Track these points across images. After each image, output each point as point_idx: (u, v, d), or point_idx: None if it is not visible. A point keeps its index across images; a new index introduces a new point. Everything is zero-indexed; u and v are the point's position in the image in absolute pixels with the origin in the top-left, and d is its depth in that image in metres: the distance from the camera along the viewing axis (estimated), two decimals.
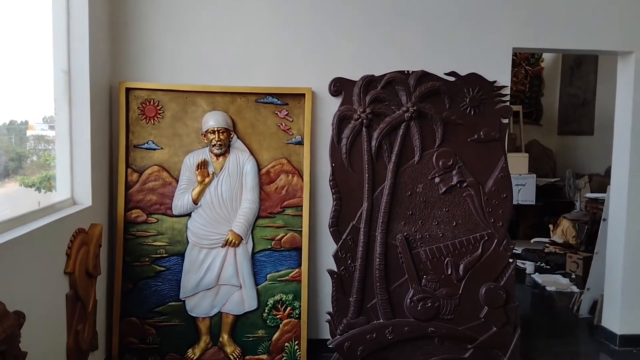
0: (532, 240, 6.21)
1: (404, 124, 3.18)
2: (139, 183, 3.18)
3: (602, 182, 6.57)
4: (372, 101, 3.19)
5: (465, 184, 3.20)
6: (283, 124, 3.25)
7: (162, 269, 3.16)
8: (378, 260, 3.18)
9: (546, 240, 5.97)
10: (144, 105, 3.18)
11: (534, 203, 6.54)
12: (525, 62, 8.01)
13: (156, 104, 3.19)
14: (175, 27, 3.20)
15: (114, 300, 3.10)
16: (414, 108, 3.15)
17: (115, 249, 3.13)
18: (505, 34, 3.32)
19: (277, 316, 3.22)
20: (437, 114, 3.19)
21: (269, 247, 3.23)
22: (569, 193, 6.99)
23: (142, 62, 3.20)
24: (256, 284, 3.22)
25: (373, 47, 3.28)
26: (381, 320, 3.18)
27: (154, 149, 3.19)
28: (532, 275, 5.31)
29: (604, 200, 5.45)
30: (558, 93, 7.99)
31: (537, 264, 5.64)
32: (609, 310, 3.66)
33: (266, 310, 3.21)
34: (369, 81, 3.21)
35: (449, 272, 3.20)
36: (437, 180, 3.20)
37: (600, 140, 6.89)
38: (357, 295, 3.18)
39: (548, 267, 5.64)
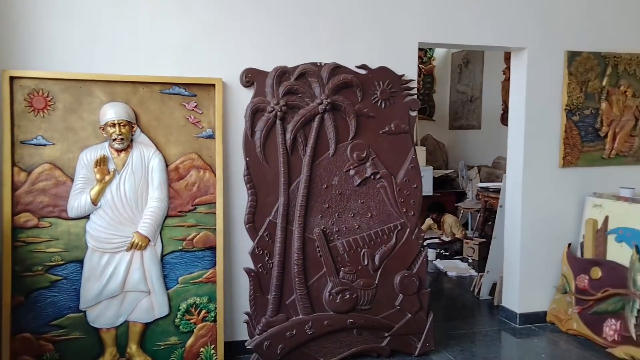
0: (424, 244, 6.47)
1: (318, 117, 3.14)
2: (28, 183, 2.82)
3: (490, 172, 7.10)
4: (285, 93, 3.11)
5: (378, 176, 3.24)
6: (192, 116, 3.06)
7: (58, 278, 2.84)
8: (296, 255, 3.11)
9: (436, 240, 6.26)
10: (31, 96, 2.83)
11: (431, 194, 6.87)
12: (418, 60, 8.37)
13: (46, 95, 2.85)
14: (68, 8, 2.88)
15: (2, 316, 2.72)
16: (328, 100, 3.13)
17: (1, 258, 2.75)
18: (411, 30, 3.41)
19: (191, 321, 3.03)
20: (350, 107, 3.19)
21: (180, 248, 3.03)
22: (462, 183, 7.45)
23: (28, 48, 2.84)
24: (167, 288, 3.00)
25: (286, 38, 3.20)
26: (301, 316, 3.13)
27: (44, 145, 2.85)
28: (434, 262, 5.56)
29: (494, 189, 5.89)
30: (449, 90, 8.48)
31: (438, 251, 5.93)
32: (508, 291, 3.93)
33: (179, 316, 3.02)
34: (282, 72, 3.13)
35: (366, 263, 3.22)
36: (352, 172, 3.21)
37: (487, 133, 7.42)
38: (276, 293, 3.10)
39: (447, 253, 5.95)
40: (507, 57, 6.29)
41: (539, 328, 3.75)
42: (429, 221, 6.45)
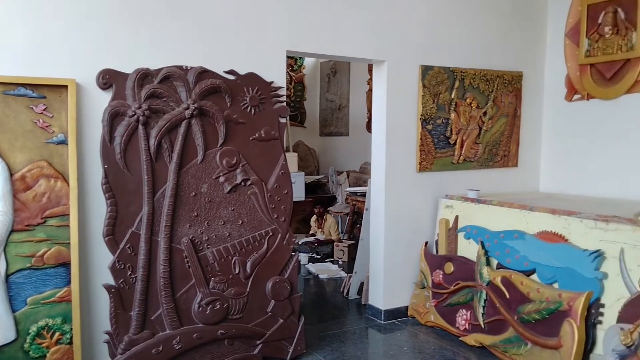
0: (300, 242, 6.66)
1: (185, 122, 3.04)
2: None
3: (358, 177, 7.44)
4: (148, 96, 2.97)
5: (249, 182, 3.22)
6: (41, 120, 2.78)
7: None
8: (162, 267, 2.97)
9: (312, 239, 6.43)
10: None
11: (303, 199, 7.02)
12: (289, 68, 8.54)
13: None
14: None
15: None
16: (195, 105, 3.04)
17: None
18: (279, 38, 3.45)
19: (43, 345, 2.75)
20: (219, 112, 3.14)
21: (28, 265, 2.73)
22: (332, 188, 7.71)
23: None
24: (13, 311, 2.69)
25: (149, 39, 3.05)
26: (168, 331, 2.99)
27: None
28: (306, 266, 5.68)
29: (361, 193, 6.18)
30: (318, 98, 8.75)
31: (310, 255, 6.06)
32: (374, 289, 4.14)
33: (28, 340, 2.72)
34: (144, 75, 2.98)
35: (237, 271, 3.18)
36: (221, 179, 3.15)
37: (355, 140, 7.78)
38: (140, 308, 2.93)
39: (319, 256, 6.11)
40: (371, 69, 6.66)
41: (402, 322, 4.01)
42: (313, 220, 6.64)
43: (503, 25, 4.39)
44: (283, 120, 3.40)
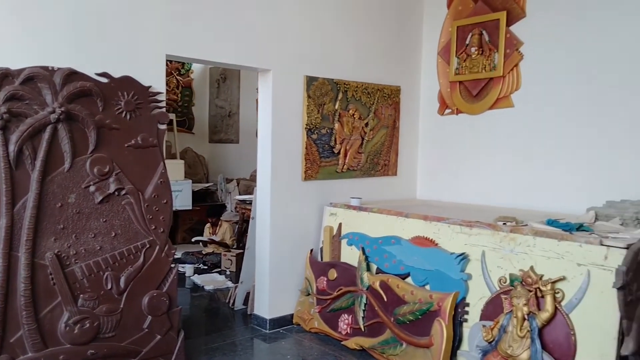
0: (192, 239, 6.47)
1: (51, 127, 2.81)
2: None
3: (248, 185, 7.38)
4: (8, 99, 2.70)
5: (124, 192, 3.05)
6: None
7: None
8: (23, 285, 2.71)
9: (206, 239, 6.31)
10: None
11: (190, 208, 6.82)
12: (176, 72, 8.28)
13: None
14: None
15: None
16: (62, 109, 2.82)
17: None
18: (158, 41, 3.32)
19: None
20: (90, 117, 2.94)
21: None
22: (221, 196, 7.58)
23: None
24: None
25: (10, 36, 2.78)
26: (30, 354, 2.73)
27: None
28: (191, 278, 5.50)
29: (250, 201, 6.14)
30: (207, 104, 8.57)
31: (196, 266, 5.89)
32: (260, 299, 4.12)
33: None
34: (4, 75, 2.71)
35: (109, 287, 2.99)
36: (92, 189, 2.95)
37: (245, 147, 7.72)
38: None
39: (206, 267, 5.96)
40: None
41: (287, 330, 4.02)
42: (207, 226, 6.47)
43: (383, 41, 4.61)
44: (162, 127, 3.27)
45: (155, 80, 3.28)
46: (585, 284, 2.70)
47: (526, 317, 2.83)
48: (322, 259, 4.12)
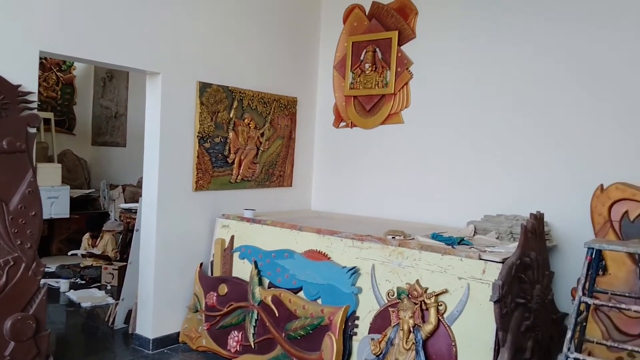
0: (69, 253, 5.94)
1: None
2: None
3: (135, 192, 6.94)
4: None
5: None
6: None
7: None
8: None
9: (84, 252, 5.82)
10: None
11: (68, 216, 6.26)
12: (56, 67, 7.61)
13: None
14: None
15: None
16: None
17: None
18: (31, 36, 2.99)
19: None
20: None
21: None
22: (104, 204, 7.05)
23: None
24: None
25: None
26: None
27: None
28: (66, 294, 5.03)
29: (136, 210, 5.77)
30: (91, 103, 7.96)
31: (73, 280, 5.40)
32: (143, 317, 3.84)
33: None
34: None
35: None
36: None
37: (133, 152, 7.26)
38: None
39: (84, 282, 5.49)
40: None
41: (172, 350, 3.79)
42: (86, 237, 5.95)
43: (281, 52, 4.58)
44: (33, 131, 2.94)
45: (27, 78, 2.94)
46: (465, 296, 2.85)
47: (412, 329, 2.92)
48: (212, 274, 3.96)
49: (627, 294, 2.96)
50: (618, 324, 3.23)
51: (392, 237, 3.25)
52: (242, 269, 3.81)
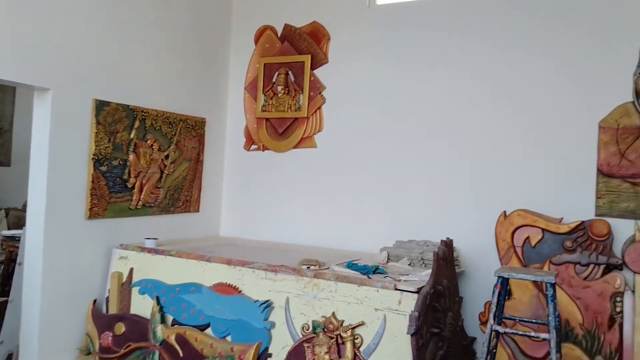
0: None
1: None
2: None
3: (20, 216, 6.23)
4: None
5: None
6: None
7: None
8: None
9: None
10: None
11: None
12: None
13: None
14: None
15: None
16: None
17: None
18: None
19: None
20: None
21: None
22: None
23: None
24: None
25: None
26: None
27: None
28: None
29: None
30: None
31: None
32: None
33: None
34: None
35: None
36: None
37: (18, 172, 6.53)
38: None
39: None
40: None
41: None
42: None
43: (189, 70, 4.34)
44: None
45: None
46: (382, 328, 2.77)
47: None
48: (107, 311, 3.57)
49: (533, 320, 3.06)
50: (523, 347, 3.34)
51: (307, 268, 3.12)
52: (142, 306, 3.48)
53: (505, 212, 3.52)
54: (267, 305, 3.08)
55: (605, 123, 3.34)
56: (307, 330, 2.95)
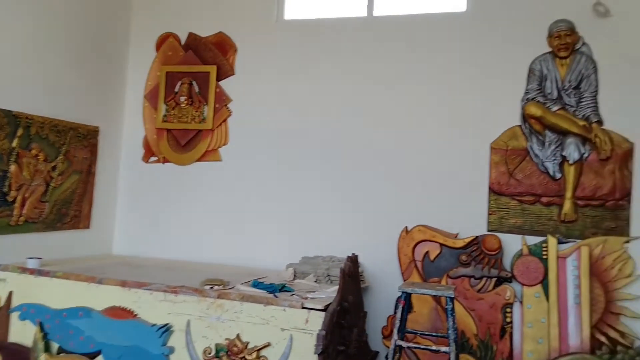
0: None
1: None
2: None
3: None
4: None
5: None
6: None
7: None
8: None
9: None
10: None
11: None
12: None
13: None
14: None
15: None
16: None
17: None
18: None
19: None
20: None
21: None
22: None
23: None
24: None
25: None
26: None
27: None
28: None
29: None
30: None
31: None
32: None
33: None
34: None
35: None
36: None
37: None
38: None
39: None
40: None
41: None
42: None
43: (81, 75, 4.02)
44: None
45: None
46: (288, 348, 2.72)
47: None
48: None
49: (434, 334, 3.16)
50: (423, 359, 3.45)
51: (211, 288, 2.99)
52: (23, 333, 3.14)
53: (407, 227, 3.63)
54: (166, 329, 2.90)
55: (496, 144, 3.58)
56: (210, 354, 2.81)
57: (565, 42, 3.43)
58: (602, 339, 3.21)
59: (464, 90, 3.68)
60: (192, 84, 4.29)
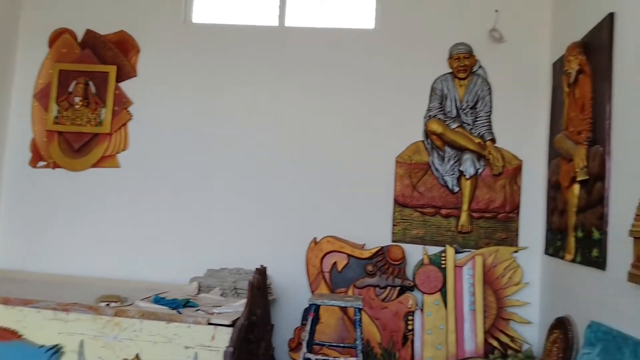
0: None
1: None
2: None
3: None
4: None
5: None
6: None
7: None
8: None
9: None
10: None
11: None
12: None
13: None
14: None
15: None
16: None
17: None
18: None
19: None
20: None
21: None
22: None
23: None
24: None
25: None
26: None
27: None
28: None
29: None
30: None
31: None
32: None
33: None
34: None
35: None
36: None
37: None
38: None
39: None
40: None
41: None
42: None
43: None
44: None
45: None
46: None
47: None
48: None
49: (341, 345, 3.19)
50: None
51: (107, 305, 2.77)
52: None
53: (315, 238, 3.64)
54: (56, 351, 2.65)
55: (401, 158, 3.71)
56: None
57: (464, 64, 3.66)
58: (495, 343, 3.44)
59: (372, 104, 3.78)
60: (89, 84, 4.00)
